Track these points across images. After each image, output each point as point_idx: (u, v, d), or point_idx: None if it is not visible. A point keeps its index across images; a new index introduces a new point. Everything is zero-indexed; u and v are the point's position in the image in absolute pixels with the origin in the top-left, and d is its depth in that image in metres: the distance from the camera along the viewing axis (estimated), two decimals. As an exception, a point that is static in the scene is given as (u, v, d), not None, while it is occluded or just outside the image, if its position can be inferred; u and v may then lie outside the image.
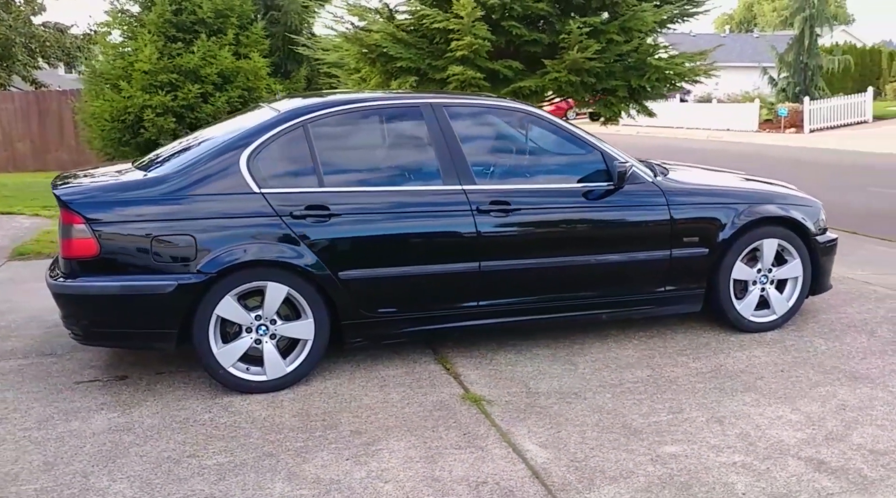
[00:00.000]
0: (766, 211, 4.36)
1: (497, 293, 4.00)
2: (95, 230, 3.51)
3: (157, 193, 3.61)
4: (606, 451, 3.12)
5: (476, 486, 2.87)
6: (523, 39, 7.27)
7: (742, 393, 3.66)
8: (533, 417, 3.43)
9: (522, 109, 4.27)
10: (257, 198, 3.67)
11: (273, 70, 16.16)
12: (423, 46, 7.45)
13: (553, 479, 2.90)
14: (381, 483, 2.90)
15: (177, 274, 3.56)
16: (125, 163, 4.44)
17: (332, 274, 3.71)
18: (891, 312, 4.88)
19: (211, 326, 3.63)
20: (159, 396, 3.75)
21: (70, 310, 3.66)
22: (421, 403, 3.62)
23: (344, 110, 3.98)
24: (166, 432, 3.36)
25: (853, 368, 3.95)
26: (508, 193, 3.96)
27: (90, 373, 4.06)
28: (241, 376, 3.72)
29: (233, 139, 3.78)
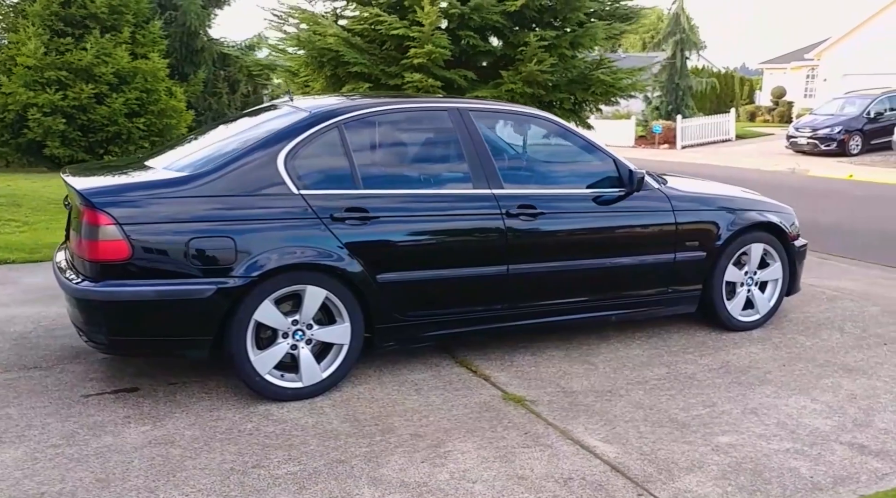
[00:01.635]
0: (754, 217, 4.68)
1: (522, 296, 4.07)
2: (127, 232, 3.29)
3: (194, 193, 3.43)
4: (667, 443, 3.26)
5: (564, 482, 2.92)
6: (477, 50, 7.40)
7: (759, 386, 3.91)
8: (582, 416, 3.52)
9: (541, 116, 4.38)
10: (297, 199, 3.56)
11: (169, 72, 15.49)
12: (376, 52, 7.42)
13: (634, 472, 3.00)
14: (468, 483, 2.90)
15: (215, 278, 3.39)
16: (127, 159, 4.17)
17: (369, 277, 3.66)
18: (846, 310, 5.34)
19: (249, 332, 3.48)
20: (185, 407, 3.55)
21: (95, 317, 3.40)
22: (465, 404, 3.62)
23: (377, 112, 3.94)
24: (214, 444, 3.19)
25: (843, 361, 4.31)
26: (534, 198, 4.04)
27: (94, 385, 3.78)
28: (277, 384, 3.59)
29: (267, 138, 3.65)
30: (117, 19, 14.95)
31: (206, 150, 3.78)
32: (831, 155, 21.24)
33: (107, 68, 14.24)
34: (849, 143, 21.69)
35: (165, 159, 3.94)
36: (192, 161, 3.68)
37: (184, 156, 3.83)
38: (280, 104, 4.22)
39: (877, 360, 4.33)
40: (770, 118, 37.59)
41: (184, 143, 4.23)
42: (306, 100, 4.18)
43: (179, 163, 3.73)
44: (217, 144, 3.83)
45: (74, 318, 3.56)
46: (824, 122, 22.41)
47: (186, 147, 4.06)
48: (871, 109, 22.36)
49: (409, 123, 4.15)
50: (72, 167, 4.10)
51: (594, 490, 2.86)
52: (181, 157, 3.82)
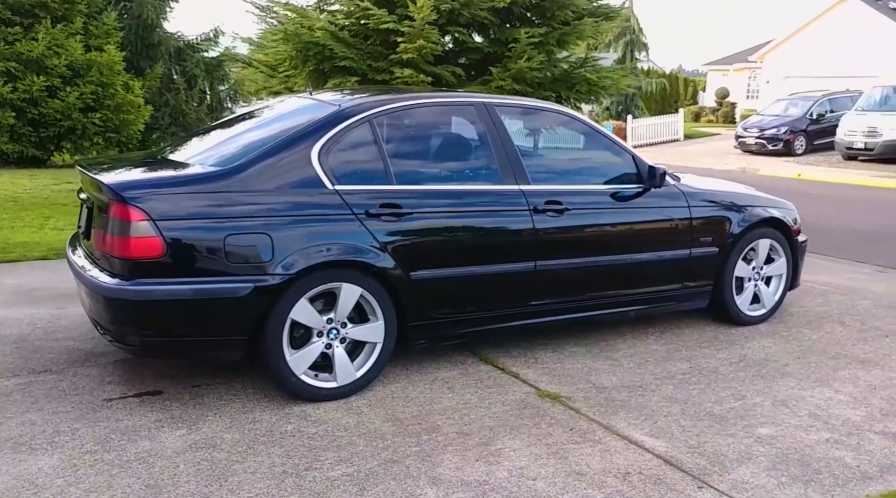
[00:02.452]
0: (761, 214, 4.78)
1: (548, 292, 4.07)
2: (161, 228, 3.17)
3: (228, 188, 3.33)
4: (710, 436, 3.30)
5: (623, 477, 2.93)
6: (465, 46, 7.37)
7: (781, 379, 3.99)
8: (621, 411, 3.54)
9: (562, 111, 4.38)
10: (332, 195, 3.49)
11: (124, 66, 15.01)
12: (362, 47, 7.33)
13: (687, 465, 3.03)
14: (529, 481, 2.88)
15: (253, 276, 3.30)
16: (143, 152, 4.02)
17: (403, 274, 3.61)
18: (840, 304, 5.50)
19: (285, 332, 3.39)
20: (216, 409, 3.44)
21: (127, 317, 3.26)
22: (502, 402, 3.61)
23: (406, 107, 3.88)
24: (258, 447, 3.10)
25: (852, 353, 4.43)
26: (560, 194, 4.04)
27: (114, 389, 3.64)
28: (312, 384, 3.51)
29: (299, 133, 3.56)
30: (69, 9, 14.41)
31: (231, 145, 3.68)
32: (778, 154, 21.91)
33: (59, 60, 13.73)
34: (794, 144, 22.42)
35: (185, 153, 3.82)
36: (221, 156, 3.57)
37: (207, 150, 3.72)
38: (300, 98, 4.13)
39: (884, 352, 4.47)
40: (714, 118, 38.54)
41: (200, 136, 4.11)
42: (327, 94, 4.10)
43: (205, 157, 3.62)
44: (242, 139, 3.73)
45: (99, 317, 3.41)
46: (771, 123, 23.11)
47: (206, 141, 3.95)
48: (814, 111, 23.15)
49: (437, 118, 4.10)
50: (86, 160, 3.95)
51: (654, 484, 2.88)
52: (204, 152, 3.71)
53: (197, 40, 18.29)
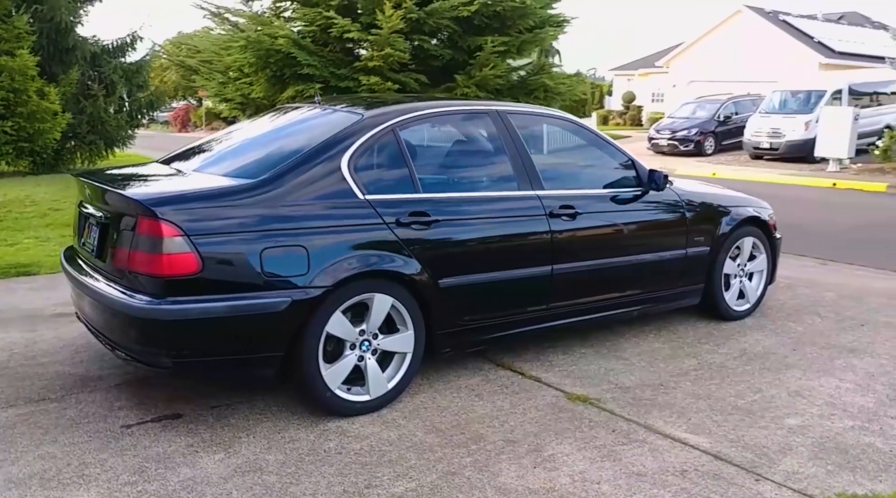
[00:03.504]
0: (746, 213, 4.97)
1: (563, 295, 4.10)
2: (196, 243, 3.01)
3: (261, 200, 3.19)
4: (746, 429, 3.39)
5: (681, 474, 2.98)
6: (428, 54, 7.35)
7: (786, 370, 4.15)
8: (654, 410, 3.59)
9: (565, 118, 4.43)
10: (363, 205, 3.41)
11: (38, 72, 14.20)
12: (324, 54, 7.20)
13: (736, 459, 3.10)
14: (593, 484, 2.89)
15: (289, 289, 3.18)
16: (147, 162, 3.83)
17: (432, 282, 3.56)
18: (809, 297, 5.77)
19: (321, 346, 3.29)
20: (247, 430, 3.30)
21: (158, 337, 3.08)
22: (536, 407, 3.60)
23: (426, 115, 3.84)
24: (307, 467, 2.99)
25: (839, 342, 4.66)
26: (571, 198, 4.08)
27: (127, 415, 3.43)
28: (347, 398, 3.41)
29: (327, 142, 3.46)
30: (-25, 12, 13.52)
31: (252, 156, 3.56)
32: (689, 155, 22.85)
33: (-34, 65, 12.86)
34: (704, 144, 23.46)
35: (192, 164, 3.66)
36: (243, 166, 3.44)
37: (221, 161, 3.58)
38: (312, 106, 4.01)
39: (866, 340, 4.72)
40: (622, 121, 39.81)
41: (201, 147, 3.95)
42: (339, 103, 4.01)
43: (223, 168, 3.48)
44: (262, 149, 3.61)
45: (121, 338, 3.21)
46: (682, 125, 24.09)
47: (212, 152, 3.80)
48: (721, 113, 24.29)
49: (455, 126, 4.08)
50: (89, 173, 3.73)
51: (713, 479, 2.93)
52: (217, 162, 3.57)
53: (113, 45, 17.48)
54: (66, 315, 4.96)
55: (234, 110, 8.09)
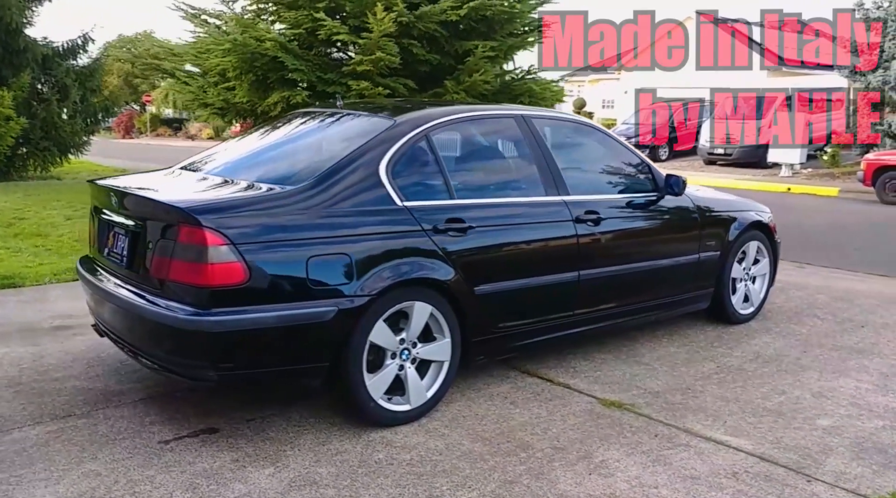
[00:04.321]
0: (752, 217, 5.08)
1: (588, 301, 4.13)
2: (242, 252, 2.94)
3: (304, 207, 3.14)
4: (782, 431, 3.46)
5: (734, 476, 3.02)
6: (416, 58, 7.32)
7: (802, 372, 4.25)
8: (689, 414, 3.64)
9: (585, 123, 4.47)
10: (402, 211, 3.37)
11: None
12: (311, 58, 7.11)
13: (782, 460, 3.16)
14: (652, 489, 2.91)
15: (335, 298, 3.13)
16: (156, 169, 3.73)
17: (469, 289, 3.55)
18: (803, 300, 5.93)
19: (365, 355, 3.25)
20: (291, 443, 3.23)
21: (204, 350, 2.99)
22: (573, 413, 3.61)
23: (456, 120, 3.82)
24: (363, 479, 2.94)
25: (845, 344, 4.79)
26: (595, 203, 4.11)
27: (161, 430, 3.33)
28: (389, 408, 3.37)
29: (364, 148, 3.41)
30: None
31: (287, 161, 3.53)
32: (644, 161, 23.21)
33: None
34: (658, 150, 23.93)
35: (221, 169, 3.60)
36: (282, 173, 3.40)
37: (256, 167, 3.53)
38: (333, 110, 3.97)
39: (870, 341, 4.87)
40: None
41: (227, 152, 3.87)
42: (361, 105, 3.97)
43: (260, 174, 3.42)
44: (293, 155, 3.55)
45: (160, 351, 3.12)
46: (636, 131, 24.56)
47: (243, 157, 3.73)
48: (674, 119, 24.81)
49: (484, 130, 4.07)
50: (107, 180, 3.62)
51: (766, 481, 2.98)
52: (253, 168, 3.52)
53: (64, 47, 16.94)
54: (66, 328, 4.80)
55: (214, 116, 7.93)
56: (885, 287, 6.62)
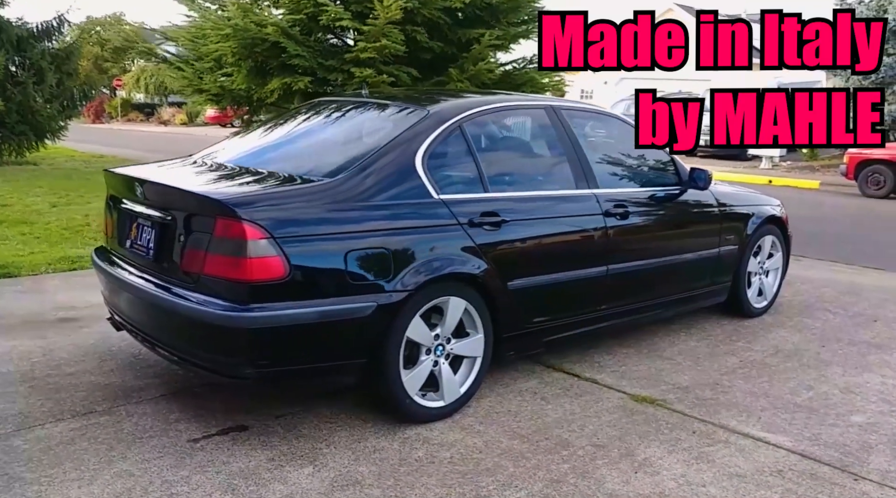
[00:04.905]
0: (767, 212, 5.07)
1: (616, 296, 4.08)
2: (283, 246, 2.84)
3: (343, 200, 3.04)
4: (818, 427, 3.44)
5: (779, 474, 2.99)
6: (420, 46, 7.20)
7: (826, 367, 4.24)
8: (722, 410, 3.60)
9: (612, 115, 4.41)
10: (438, 204, 3.29)
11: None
12: (312, 44, 6.96)
13: (824, 457, 3.14)
14: (699, 487, 2.87)
15: (374, 293, 3.04)
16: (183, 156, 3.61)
17: (502, 284, 3.48)
18: (811, 294, 5.94)
19: (401, 351, 3.16)
20: (324, 440, 3.15)
21: (245, 347, 2.89)
22: (606, 410, 3.57)
23: (488, 110, 3.73)
24: (407, 478, 2.87)
25: (862, 338, 4.80)
26: (623, 197, 4.06)
27: (188, 428, 3.22)
28: (424, 404, 3.30)
29: (399, 139, 3.32)
30: None
31: (320, 153, 3.44)
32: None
33: None
34: (641, 142, 23.91)
35: (248, 160, 3.49)
36: (318, 164, 3.29)
37: (287, 158, 3.44)
38: (359, 98, 3.86)
39: (885, 335, 4.88)
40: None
41: (251, 142, 3.76)
42: (388, 95, 3.87)
43: (293, 166, 3.33)
44: (329, 146, 3.47)
45: (192, 347, 3.01)
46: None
47: (271, 148, 3.62)
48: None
49: (515, 121, 4.00)
50: (126, 169, 3.49)
51: (812, 479, 2.96)
52: (284, 160, 3.42)
53: (38, 28, 16.47)
54: (71, 320, 4.65)
55: (209, 102, 7.74)
56: (886, 281, 6.67)
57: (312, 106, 4.02)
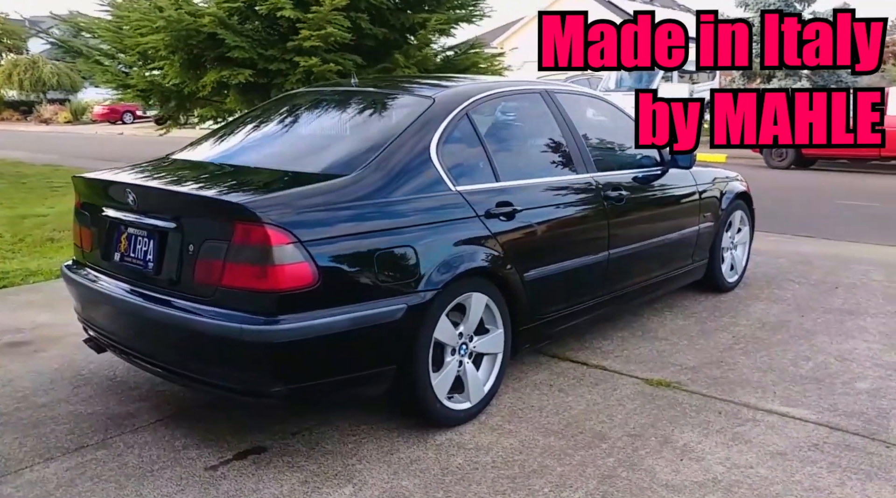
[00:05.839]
0: (737, 187, 5.15)
1: (615, 280, 4.03)
2: (311, 250, 2.62)
3: (365, 197, 2.84)
4: (831, 397, 3.49)
5: (816, 448, 3.01)
6: (364, 32, 6.94)
7: (813, 337, 4.34)
8: (737, 388, 3.61)
9: (597, 96, 4.34)
10: (455, 196, 3.13)
11: None
12: (250, 34, 6.58)
13: (850, 428, 3.18)
14: (748, 469, 2.85)
15: (404, 295, 2.86)
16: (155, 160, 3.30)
17: (519, 276, 3.36)
18: (769, 264, 6.09)
19: (430, 354, 3.00)
20: (353, 455, 2.95)
21: (277, 362, 2.65)
22: (627, 397, 3.52)
23: (491, 96, 3.57)
24: (455, 488, 2.72)
25: (834, 305, 4.95)
26: (618, 180, 4.01)
27: (200, 454, 2.96)
28: (452, 407, 3.15)
29: (410, 129, 3.13)
30: None
31: (327, 147, 3.22)
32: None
33: None
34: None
35: (245, 157, 3.23)
36: (324, 159, 3.08)
37: (293, 154, 3.20)
38: (350, 89, 3.64)
39: (853, 301, 5.06)
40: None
41: (241, 137, 3.49)
42: (378, 82, 3.66)
43: (302, 163, 3.10)
44: (333, 139, 3.25)
45: (213, 368, 2.75)
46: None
47: (266, 142, 3.36)
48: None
49: (515, 107, 3.85)
50: (114, 175, 3.16)
51: (849, 450, 2.99)
52: (289, 156, 3.17)
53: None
54: (20, 344, 4.23)
55: (137, 98, 7.23)
56: (825, 248, 6.94)
57: (298, 96, 3.76)
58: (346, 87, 3.74)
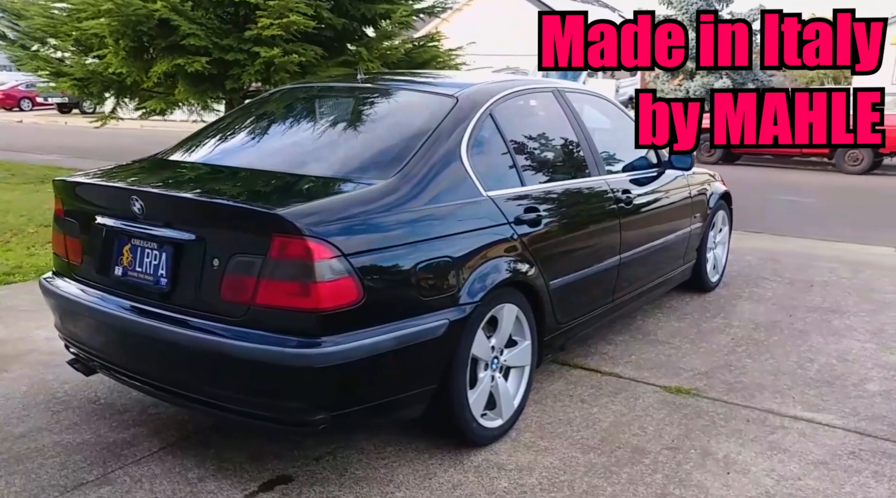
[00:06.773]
0: (721, 188, 5.16)
1: (624, 285, 3.94)
2: (355, 265, 2.40)
3: (404, 205, 2.63)
4: (845, 400, 3.51)
5: (853, 455, 2.99)
6: (325, 22, 6.61)
7: (808, 337, 4.38)
8: (755, 393, 3.58)
9: (601, 96, 4.22)
10: (487, 203, 2.95)
11: None
12: (204, 21, 6.17)
13: (878, 433, 3.19)
14: (796, 481, 2.80)
15: (444, 309, 2.67)
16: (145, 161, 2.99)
17: (546, 285, 3.21)
18: (742, 262, 6.16)
19: (467, 370, 2.82)
20: (389, 481, 2.75)
21: (322, 387, 2.40)
22: (651, 406, 3.43)
23: (511, 94, 3.39)
24: (508, 515, 2.56)
25: (814, 304, 5.03)
26: (626, 182, 3.92)
27: (221, 486, 2.69)
28: (486, 425, 2.98)
29: (439, 131, 2.92)
30: None
31: (352, 149, 2.97)
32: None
33: None
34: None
35: (252, 159, 2.97)
36: (351, 163, 2.85)
37: (313, 156, 2.94)
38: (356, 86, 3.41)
39: (832, 299, 5.16)
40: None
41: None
42: (389, 78, 3.44)
43: (324, 166, 2.85)
44: (356, 141, 3.01)
45: (248, 396, 2.48)
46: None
47: (274, 143, 3.10)
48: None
49: (532, 106, 3.68)
50: (112, 180, 2.83)
51: (887, 458, 2.98)
52: (309, 158, 2.92)
53: None
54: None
55: (73, 88, 6.68)
56: (784, 244, 7.10)
57: (299, 91, 3.49)
58: (351, 82, 3.49)
